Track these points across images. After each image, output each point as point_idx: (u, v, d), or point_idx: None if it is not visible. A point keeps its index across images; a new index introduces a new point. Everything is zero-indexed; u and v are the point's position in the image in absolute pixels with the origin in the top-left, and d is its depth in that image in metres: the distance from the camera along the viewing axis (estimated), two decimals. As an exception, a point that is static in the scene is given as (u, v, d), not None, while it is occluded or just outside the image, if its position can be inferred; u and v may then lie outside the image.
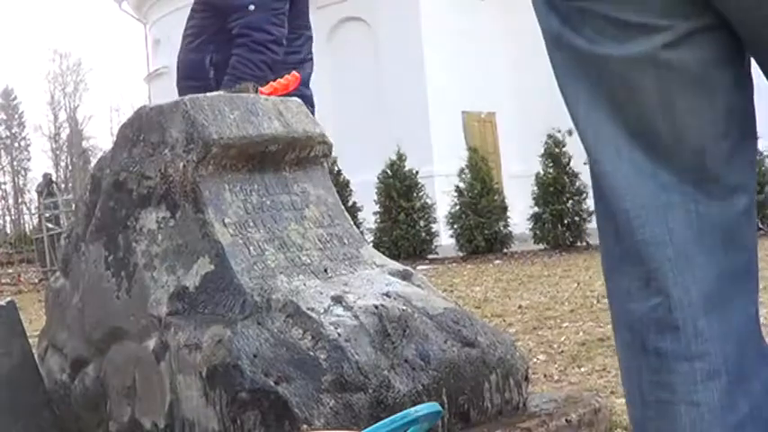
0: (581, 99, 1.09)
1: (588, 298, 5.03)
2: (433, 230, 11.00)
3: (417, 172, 11.06)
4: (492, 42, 13.69)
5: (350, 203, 10.83)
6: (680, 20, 1.00)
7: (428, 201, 11.04)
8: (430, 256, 10.83)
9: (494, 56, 13.98)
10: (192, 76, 2.93)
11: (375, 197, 11.08)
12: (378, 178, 11.15)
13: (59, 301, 2.04)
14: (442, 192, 11.38)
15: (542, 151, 9.98)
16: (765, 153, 9.59)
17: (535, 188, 10.08)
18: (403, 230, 10.73)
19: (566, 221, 9.77)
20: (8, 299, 2.02)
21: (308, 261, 1.85)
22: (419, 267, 9.06)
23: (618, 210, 1.05)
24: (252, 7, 2.83)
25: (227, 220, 1.78)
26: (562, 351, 3.51)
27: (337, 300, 1.72)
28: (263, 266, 1.75)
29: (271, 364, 1.57)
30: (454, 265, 9.54)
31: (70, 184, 40.52)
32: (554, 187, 9.90)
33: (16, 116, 45.59)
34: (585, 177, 10.06)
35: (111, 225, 1.89)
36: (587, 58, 1.05)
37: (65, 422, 1.95)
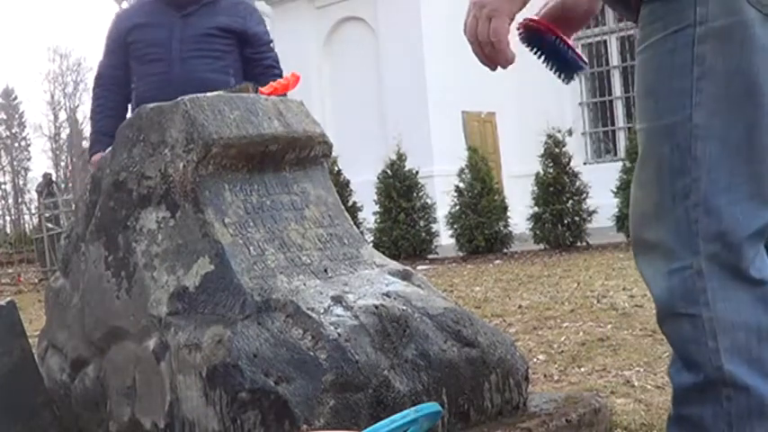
0: None
1: (588, 298, 5.03)
2: (433, 230, 11.00)
3: (417, 172, 11.06)
4: (492, 42, 13.67)
5: (350, 203, 10.84)
6: None
7: (428, 201, 11.04)
8: (430, 256, 10.83)
9: (494, 56, 13.93)
10: None
11: (375, 197, 11.09)
12: (378, 178, 11.15)
13: (59, 301, 2.04)
14: (442, 192, 11.38)
15: (542, 151, 9.98)
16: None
17: (535, 188, 10.08)
18: (403, 230, 10.74)
19: (566, 221, 9.77)
20: (8, 299, 2.02)
21: (308, 261, 1.84)
22: (419, 267, 9.06)
23: None
24: (272, 44, 3.40)
25: (227, 220, 1.78)
26: (562, 351, 3.51)
27: (337, 300, 1.72)
28: (263, 266, 1.75)
29: (271, 364, 1.57)
30: (454, 265, 9.54)
31: (70, 184, 40.54)
32: (554, 187, 9.90)
33: (16, 116, 45.62)
34: (585, 177, 10.07)
35: (111, 225, 1.89)
36: None
37: (65, 422, 1.95)
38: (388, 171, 11.06)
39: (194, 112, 1.79)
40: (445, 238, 11.07)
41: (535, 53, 1.57)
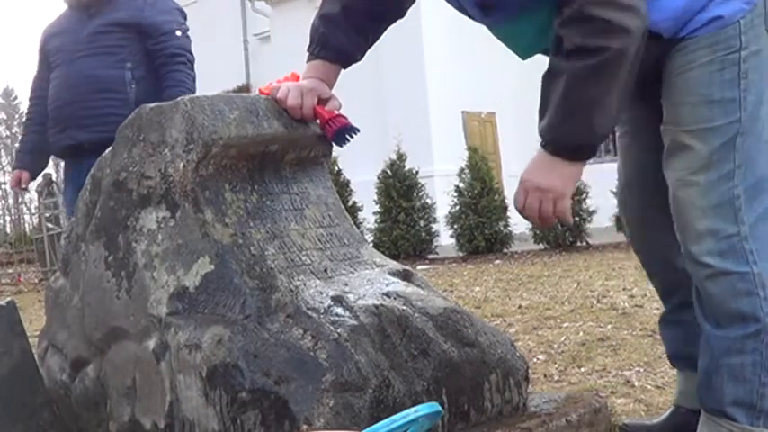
0: None
1: (588, 298, 5.03)
2: (433, 230, 11.00)
3: (417, 172, 11.06)
4: (492, 42, 13.67)
5: (350, 203, 10.84)
6: None
7: (428, 201, 11.04)
8: (430, 256, 10.83)
9: (494, 56, 13.94)
10: (111, 90, 3.32)
11: (375, 197, 11.08)
12: (378, 178, 11.15)
13: (59, 301, 2.04)
14: (442, 192, 11.38)
15: (542, 151, 9.95)
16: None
17: (535, 188, 10.05)
18: (403, 230, 10.73)
19: (566, 221, 9.75)
20: (8, 299, 2.02)
21: (308, 261, 1.84)
22: (419, 267, 9.06)
23: None
24: (179, 33, 3.38)
25: (227, 220, 1.78)
26: (562, 351, 3.51)
27: (337, 300, 1.72)
28: (263, 266, 1.75)
29: (271, 364, 1.57)
30: (454, 265, 9.53)
31: (70, 184, 40.40)
32: (554, 187, 9.88)
33: (16, 116, 45.61)
34: (585, 177, 10.04)
35: (111, 225, 1.89)
36: None
37: (65, 422, 1.95)
38: (388, 171, 11.06)
39: (194, 112, 1.79)
40: (445, 238, 11.07)
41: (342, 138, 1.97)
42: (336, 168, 10.90)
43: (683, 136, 1.76)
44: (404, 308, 1.76)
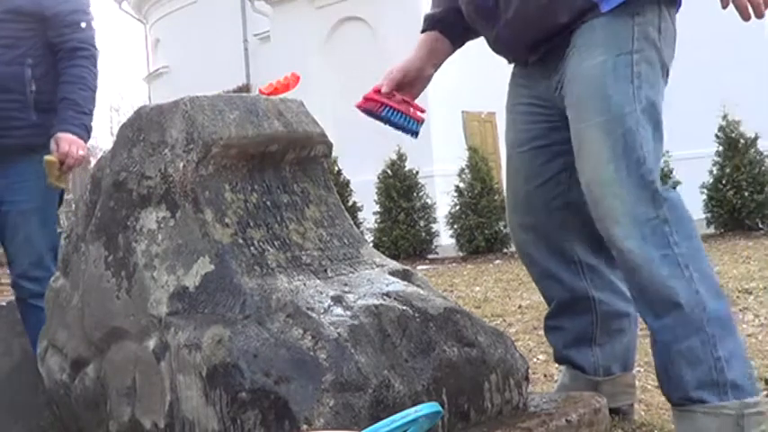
0: None
1: (588, 298, 5.01)
2: (433, 230, 11.00)
3: (417, 172, 11.06)
4: (492, 42, 13.67)
5: (350, 203, 10.84)
6: None
7: (428, 201, 11.04)
8: (430, 256, 10.82)
9: (494, 56, 13.93)
10: (9, 89, 2.88)
11: (375, 197, 11.08)
12: (378, 178, 11.15)
13: (59, 301, 2.04)
14: (442, 192, 11.38)
15: (542, 151, 9.97)
16: (765, 153, 9.59)
17: (535, 188, 10.05)
18: (403, 230, 10.73)
19: (566, 221, 9.75)
20: (8, 299, 2.02)
21: (308, 261, 1.85)
22: (419, 267, 9.06)
23: None
24: (83, 25, 2.95)
25: (227, 220, 1.78)
26: (562, 351, 3.50)
27: (337, 300, 1.72)
28: (263, 266, 1.75)
29: (271, 364, 1.57)
30: (454, 265, 9.53)
31: (70, 184, 40.49)
32: (554, 187, 9.87)
33: (16, 116, 45.52)
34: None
35: (111, 225, 1.89)
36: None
37: (65, 422, 1.95)
38: (388, 171, 11.06)
39: (194, 112, 1.79)
40: (445, 238, 11.06)
41: (380, 120, 2.10)
42: (336, 168, 10.91)
43: (587, 130, 1.84)
44: (404, 308, 1.76)
